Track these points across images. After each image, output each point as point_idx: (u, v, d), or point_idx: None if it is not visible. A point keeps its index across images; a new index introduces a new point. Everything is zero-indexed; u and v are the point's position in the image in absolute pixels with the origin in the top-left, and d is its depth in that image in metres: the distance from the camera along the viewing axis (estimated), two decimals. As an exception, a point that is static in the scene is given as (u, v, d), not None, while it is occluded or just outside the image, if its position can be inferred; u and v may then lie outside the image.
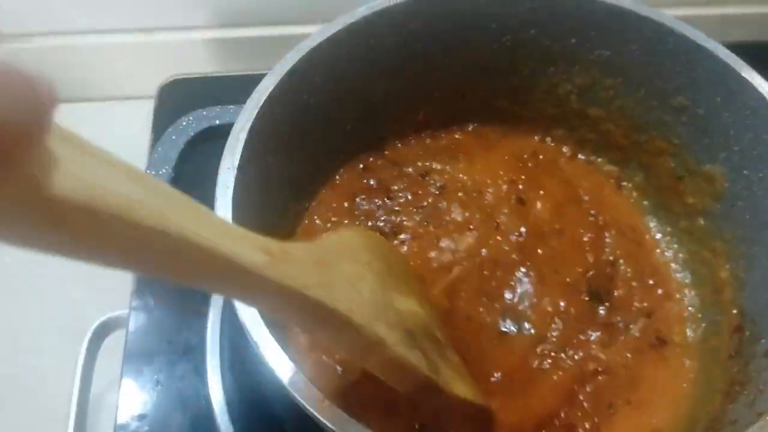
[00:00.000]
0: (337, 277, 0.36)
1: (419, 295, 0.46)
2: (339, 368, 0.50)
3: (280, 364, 0.38)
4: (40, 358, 0.68)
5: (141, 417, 0.54)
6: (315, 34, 0.53)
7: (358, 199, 0.61)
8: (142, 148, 0.70)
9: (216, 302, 0.58)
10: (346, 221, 0.59)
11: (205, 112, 0.52)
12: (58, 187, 0.20)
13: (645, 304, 0.58)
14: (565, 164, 0.66)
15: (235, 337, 0.57)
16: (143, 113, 0.73)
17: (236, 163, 0.46)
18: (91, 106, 0.84)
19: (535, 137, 0.67)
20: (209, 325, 0.57)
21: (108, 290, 0.58)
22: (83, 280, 0.67)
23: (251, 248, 0.30)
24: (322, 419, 0.37)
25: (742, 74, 0.52)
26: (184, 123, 0.51)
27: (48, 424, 0.61)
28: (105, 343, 0.64)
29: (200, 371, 0.56)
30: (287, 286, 0.31)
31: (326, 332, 0.37)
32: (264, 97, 0.49)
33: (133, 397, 0.55)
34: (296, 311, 0.34)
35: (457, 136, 0.66)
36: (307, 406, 0.37)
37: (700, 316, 0.57)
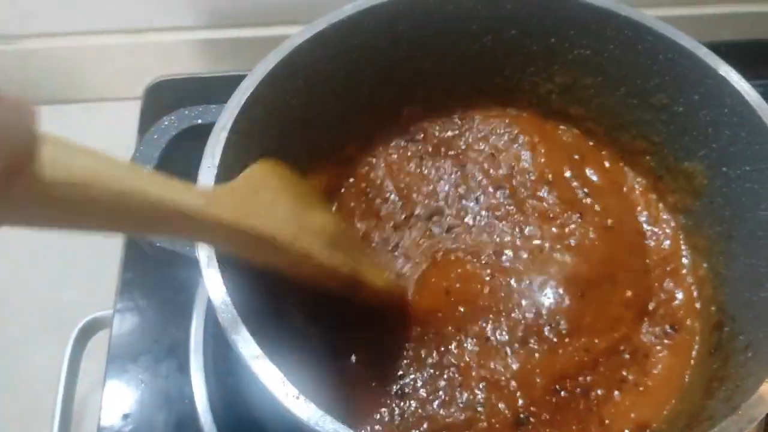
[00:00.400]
0: (260, 205, 0.43)
1: (324, 209, 0.54)
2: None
3: (256, 361, 0.39)
4: (26, 357, 0.68)
5: (125, 416, 0.55)
6: (296, 34, 0.54)
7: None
8: (129, 148, 0.70)
9: (200, 301, 0.58)
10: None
11: (187, 111, 0.52)
12: (50, 176, 0.26)
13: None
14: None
15: (219, 336, 0.57)
16: (130, 114, 0.73)
17: (216, 162, 0.46)
18: (78, 107, 0.85)
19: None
20: (193, 324, 0.57)
21: (93, 290, 0.59)
22: (69, 280, 0.67)
23: (190, 193, 0.37)
24: (297, 415, 0.38)
25: (720, 72, 0.52)
26: (167, 122, 0.52)
27: (33, 422, 0.62)
28: (90, 343, 0.64)
29: (184, 370, 0.56)
30: (222, 221, 0.38)
31: (261, 254, 0.42)
32: (245, 97, 0.50)
33: (118, 396, 0.56)
34: (233, 241, 0.40)
35: (440, 135, 0.66)
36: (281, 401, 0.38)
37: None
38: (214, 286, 0.41)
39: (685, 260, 0.59)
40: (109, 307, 0.62)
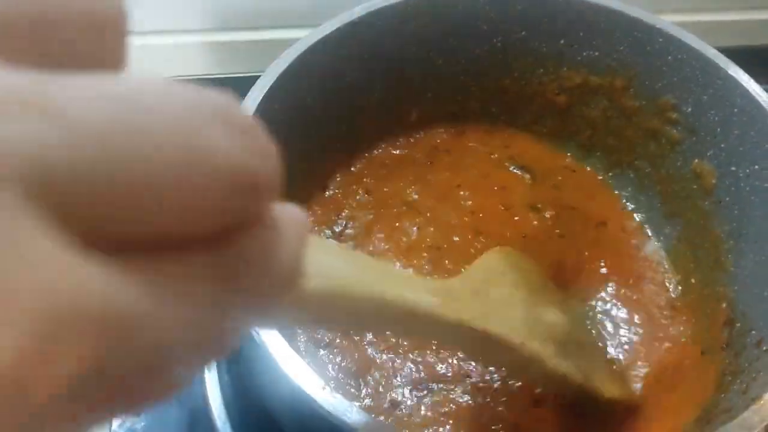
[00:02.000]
0: (491, 302, 0.40)
1: (557, 303, 0.49)
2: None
3: (281, 353, 0.39)
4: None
5: (137, 413, 0.54)
6: (311, 33, 0.54)
7: (350, 201, 0.62)
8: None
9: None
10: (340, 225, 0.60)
11: (203, 109, 0.53)
12: (310, 285, 0.23)
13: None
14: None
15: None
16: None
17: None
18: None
19: (525, 137, 0.68)
20: (206, 321, 0.57)
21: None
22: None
23: (425, 293, 0.34)
24: (323, 407, 0.38)
25: (729, 72, 0.53)
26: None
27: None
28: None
29: (196, 367, 0.56)
30: (458, 321, 0.36)
31: (488, 355, 0.40)
32: (262, 95, 0.50)
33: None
34: (463, 340, 0.38)
35: (448, 137, 0.67)
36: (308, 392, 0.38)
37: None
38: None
39: (692, 259, 0.60)
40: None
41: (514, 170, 0.65)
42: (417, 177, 0.64)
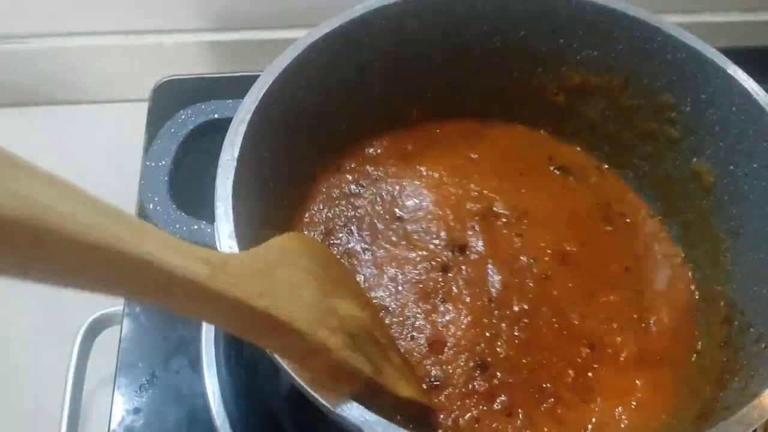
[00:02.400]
0: (278, 284, 0.36)
1: (358, 298, 0.46)
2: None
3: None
4: (33, 356, 0.68)
5: (136, 410, 0.54)
6: (310, 32, 0.54)
7: (350, 197, 0.61)
8: (136, 149, 0.71)
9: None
10: (338, 216, 0.60)
11: (203, 106, 0.53)
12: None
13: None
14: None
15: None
16: (137, 116, 0.73)
17: (236, 155, 0.46)
18: (85, 108, 0.84)
19: (524, 135, 0.68)
20: (205, 319, 0.57)
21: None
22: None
23: (193, 259, 0.30)
24: (323, 402, 0.38)
25: (728, 71, 0.53)
26: (183, 116, 0.52)
27: (40, 420, 0.61)
28: (98, 340, 0.64)
29: (195, 366, 0.56)
30: (230, 297, 0.31)
31: (271, 339, 0.37)
32: (263, 92, 0.50)
33: (128, 390, 0.55)
34: (241, 321, 0.34)
35: (448, 135, 0.67)
36: (309, 389, 0.38)
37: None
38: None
39: (690, 259, 0.60)
40: (116, 304, 0.61)
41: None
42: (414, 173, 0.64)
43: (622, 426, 0.51)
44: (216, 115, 0.53)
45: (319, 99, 0.57)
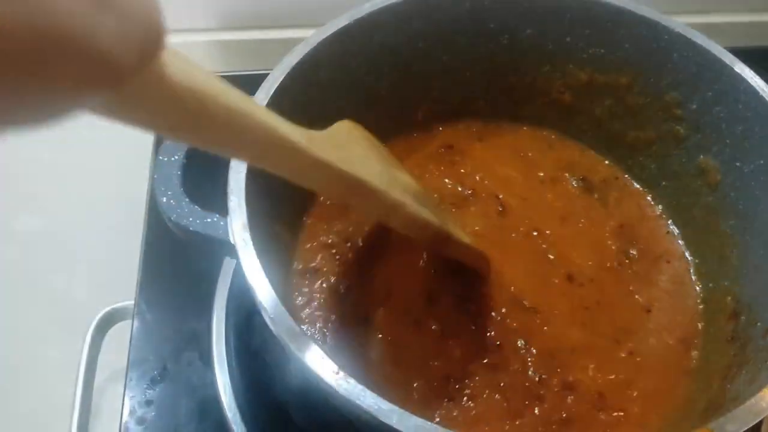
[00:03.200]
0: (353, 156, 0.44)
1: (407, 172, 0.53)
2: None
3: (295, 339, 0.39)
4: (45, 350, 0.68)
5: (148, 403, 0.55)
6: (318, 30, 0.55)
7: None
8: (146, 145, 0.71)
9: (222, 291, 0.59)
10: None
11: (215, 101, 0.53)
12: (171, 76, 0.26)
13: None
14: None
15: (241, 326, 0.57)
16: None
17: (247, 147, 0.47)
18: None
19: (531, 134, 0.68)
20: (215, 312, 0.57)
21: (111, 281, 0.59)
22: (87, 272, 0.67)
23: (298, 133, 0.37)
24: (338, 390, 0.38)
25: (735, 69, 0.54)
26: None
27: (52, 414, 0.61)
28: (109, 334, 0.64)
29: (206, 358, 0.56)
30: (323, 160, 0.38)
31: (354, 199, 0.43)
32: (275, 87, 0.51)
33: (140, 383, 0.56)
34: (329, 182, 0.40)
35: (455, 134, 0.68)
36: (324, 378, 0.38)
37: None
38: (249, 264, 0.42)
39: (697, 255, 0.60)
40: (127, 298, 0.62)
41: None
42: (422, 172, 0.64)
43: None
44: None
45: (327, 97, 0.57)
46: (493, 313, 0.55)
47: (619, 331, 0.56)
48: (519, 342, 0.53)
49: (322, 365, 0.39)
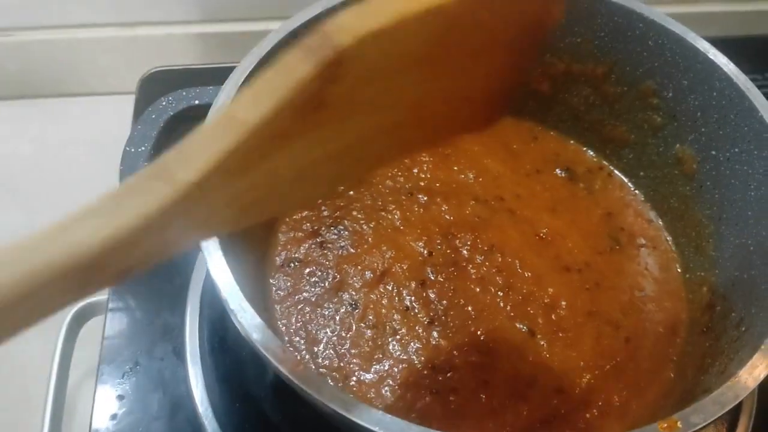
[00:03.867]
0: None
1: None
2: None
3: (255, 329, 0.39)
4: (17, 347, 0.67)
5: (119, 397, 0.54)
6: (293, 18, 0.54)
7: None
8: (123, 141, 0.71)
9: (195, 286, 0.58)
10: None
11: (184, 93, 0.53)
12: None
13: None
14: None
15: (214, 320, 0.57)
16: (125, 108, 0.73)
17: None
18: (72, 100, 0.85)
19: (515, 126, 0.68)
20: (188, 306, 0.57)
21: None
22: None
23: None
24: (296, 381, 0.38)
25: (709, 56, 0.53)
26: (164, 103, 0.52)
27: (25, 411, 0.61)
28: (84, 330, 0.64)
29: (179, 353, 0.56)
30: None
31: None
32: (243, 78, 0.50)
33: (112, 377, 0.55)
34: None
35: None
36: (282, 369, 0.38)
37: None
38: (214, 260, 0.42)
39: (673, 245, 0.60)
40: (100, 294, 0.61)
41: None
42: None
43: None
44: (197, 101, 0.53)
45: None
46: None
47: (619, 315, 0.56)
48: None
49: (282, 356, 0.38)
